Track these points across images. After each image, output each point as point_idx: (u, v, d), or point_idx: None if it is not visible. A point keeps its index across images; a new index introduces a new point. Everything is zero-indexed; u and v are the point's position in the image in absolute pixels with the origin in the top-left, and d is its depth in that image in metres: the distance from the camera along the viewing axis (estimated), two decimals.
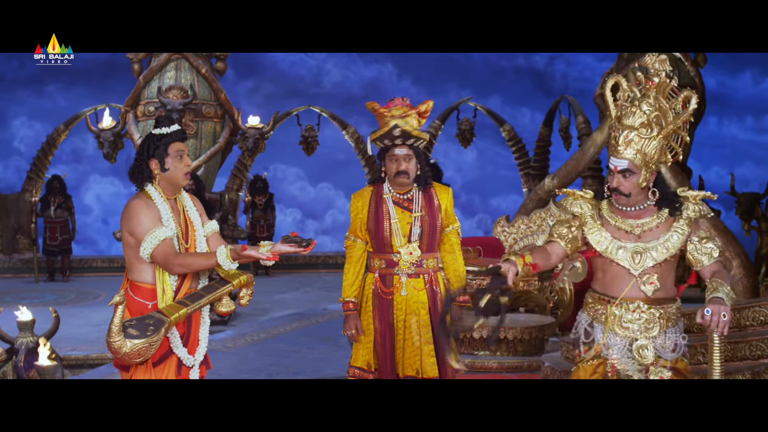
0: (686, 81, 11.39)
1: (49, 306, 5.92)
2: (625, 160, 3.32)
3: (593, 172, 12.61)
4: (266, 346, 8.24)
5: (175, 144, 3.90)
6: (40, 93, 19.43)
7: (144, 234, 3.77)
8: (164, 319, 3.75)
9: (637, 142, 3.30)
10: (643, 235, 3.39)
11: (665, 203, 3.40)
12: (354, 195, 4.67)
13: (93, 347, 8.26)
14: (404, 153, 4.44)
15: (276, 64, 20.21)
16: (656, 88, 3.34)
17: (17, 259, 14.41)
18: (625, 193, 3.35)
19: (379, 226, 4.50)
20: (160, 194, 3.91)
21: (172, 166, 3.90)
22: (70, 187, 14.09)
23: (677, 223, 3.39)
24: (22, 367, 5.59)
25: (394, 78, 20.38)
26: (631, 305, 3.39)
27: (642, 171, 3.31)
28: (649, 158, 3.32)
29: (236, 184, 14.43)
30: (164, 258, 3.76)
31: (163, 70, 9.34)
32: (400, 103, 4.46)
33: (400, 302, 4.50)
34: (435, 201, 4.54)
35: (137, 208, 3.85)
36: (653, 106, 3.32)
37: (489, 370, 6.41)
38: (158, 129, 3.93)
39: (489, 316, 3.30)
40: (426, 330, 4.48)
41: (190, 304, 3.87)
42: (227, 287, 4.01)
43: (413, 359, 4.47)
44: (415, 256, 4.47)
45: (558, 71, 20.86)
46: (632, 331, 3.39)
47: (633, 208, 3.40)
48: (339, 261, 14.17)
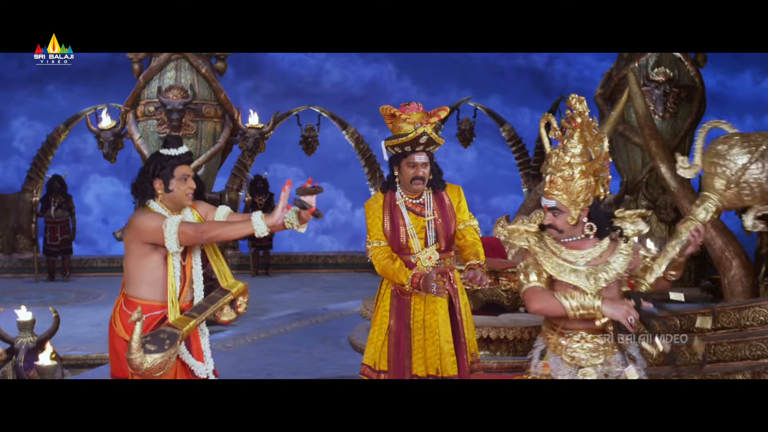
0: (686, 81, 11.41)
1: (49, 306, 5.92)
2: (552, 200, 3.43)
3: None
4: (266, 346, 8.25)
5: (181, 167, 3.91)
6: (40, 93, 19.42)
7: (158, 230, 3.77)
8: (177, 332, 3.78)
9: (560, 183, 3.40)
10: (588, 263, 3.46)
11: (602, 234, 3.49)
12: (367, 203, 4.65)
13: (93, 347, 8.26)
14: (423, 160, 4.45)
15: (276, 64, 20.19)
16: (579, 128, 3.40)
17: (17, 258, 14.41)
18: (558, 230, 3.47)
19: (395, 233, 4.52)
20: (163, 209, 3.91)
21: (176, 188, 3.91)
22: (70, 187, 14.10)
23: (620, 246, 3.48)
24: (22, 367, 5.59)
25: (393, 78, 20.36)
26: (575, 336, 3.46)
27: (570, 209, 3.41)
28: (575, 197, 3.40)
29: (236, 184, 14.43)
30: (193, 231, 3.76)
31: (163, 70, 9.33)
32: (416, 109, 4.44)
33: (418, 302, 4.51)
34: (446, 201, 4.56)
35: (145, 216, 3.86)
36: (576, 147, 3.40)
37: (489, 370, 6.41)
38: (166, 149, 3.92)
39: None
40: (446, 329, 4.49)
41: (197, 315, 3.92)
42: (228, 296, 4.04)
43: (434, 358, 4.47)
44: (435, 259, 4.48)
45: (557, 71, 20.85)
46: (578, 360, 3.45)
47: (572, 239, 3.49)
48: (339, 261, 14.16)
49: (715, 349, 5.28)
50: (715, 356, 5.28)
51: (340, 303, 10.78)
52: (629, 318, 3.24)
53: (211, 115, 9.44)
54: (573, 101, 3.39)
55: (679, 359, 3.37)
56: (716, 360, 5.27)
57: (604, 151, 3.39)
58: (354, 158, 15.62)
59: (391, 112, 4.44)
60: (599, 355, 3.45)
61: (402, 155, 4.45)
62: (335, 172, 19.61)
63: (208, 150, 9.38)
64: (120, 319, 3.96)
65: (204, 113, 9.36)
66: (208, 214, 4.07)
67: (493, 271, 7.07)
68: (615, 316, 3.26)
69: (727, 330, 5.37)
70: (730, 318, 5.37)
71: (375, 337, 4.61)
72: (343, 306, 10.49)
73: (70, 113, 14.75)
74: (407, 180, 4.47)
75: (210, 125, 9.43)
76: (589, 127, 3.39)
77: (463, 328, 4.56)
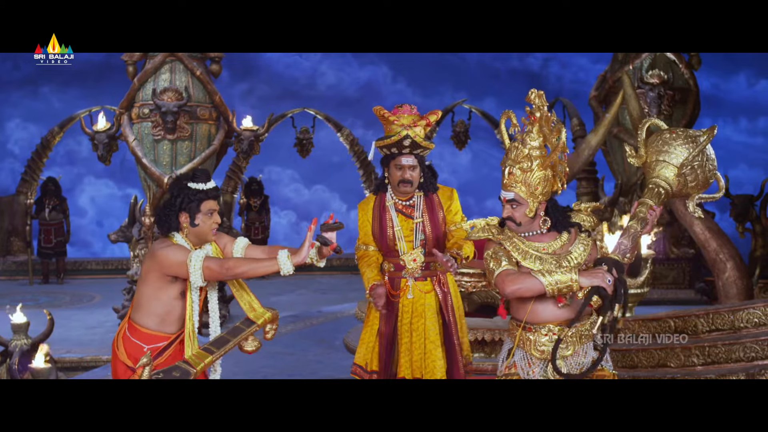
0: (680, 83, 11.44)
1: (43, 308, 5.90)
2: (511, 192, 3.51)
3: (588, 174, 12.63)
4: (261, 348, 8.22)
5: (208, 202, 3.85)
6: (35, 95, 19.41)
7: (183, 263, 3.73)
8: (190, 371, 3.69)
9: (518, 175, 3.49)
10: (550, 255, 3.51)
11: (560, 227, 3.57)
12: (359, 205, 4.68)
13: (87, 350, 8.25)
14: (410, 163, 4.46)
15: (271, 66, 20.21)
16: (538, 123, 3.48)
17: (11, 261, 14.37)
18: (516, 222, 3.53)
19: (383, 234, 4.53)
20: (187, 243, 3.87)
21: (202, 222, 3.84)
22: (65, 190, 14.08)
23: (580, 236, 3.57)
24: (17, 369, 5.57)
25: (388, 80, 20.38)
26: (543, 329, 3.49)
27: (528, 201, 3.49)
28: (533, 189, 3.49)
29: (231, 187, 14.41)
30: (219, 267, 3.72)
31: (158, 72, 9.31)
32: (408, 111, 4.44)
33: (406, 305, 4.52)
34: (437, 204, 4.56)
35: (169, 248, 3.79)
36: (535, 140, 3.49)
37: (484, 372, 6.40)
38: (194, 183, 3.86)
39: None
40: (434, 332, 4.49)
41: (215, 351, 3.82)
42: (252, 328, 3.96)
43: (420, 362, 4.47)
44: (420, 262, 4.49)
45: (552, 73, 20.91)
46: (547, 353, 3.48)
47: (532, 233, 3.56)
48: (334, 263, 14.15)
49: (710, 351, 5.29)
50: (710, 358, 5.29)
51: (335, 305, 10.78)
52: (607, 279, 3.31)
53: (206, 118, 9.43)
54: (532, 96, 3.46)
55: (610, 330, 3.43)
56: (711, 362, 5.29)
57: (561, 142, 3.47)
58: (349, 160, 15.61)
59: (381, 113, 4.46)
60: (567, 347, 3.48)
61: (390, 157, 4.47)
62: (330, 175, 19.62)
63: (202, 152, 9.37)
64: (123, 345, 3.93)
65: (199, 115, 9.35)
66: (226, 246, 4.01)
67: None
68: (594, 283, 3.31)
69: (722, 332, 5.38)
70: (725, 320, 5.39)
71: (366, 337, 4.62)
72: (338, 308, 10.49)
73: (65, 115, 14.71)
74: (395, 182, 4.49)
75: (205, 127, 9.42)
76: (547, 122, 3.47)
77: (456, 330, 4.55)
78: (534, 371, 3.50)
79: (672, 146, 3.55)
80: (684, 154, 3.52)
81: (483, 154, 19.44)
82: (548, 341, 3.47)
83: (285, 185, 20.30)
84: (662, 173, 3.57)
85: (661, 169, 3.58)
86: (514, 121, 3.57)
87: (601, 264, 3.41)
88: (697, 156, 3.52)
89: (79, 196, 19.46)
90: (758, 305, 5.32)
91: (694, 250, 11.08)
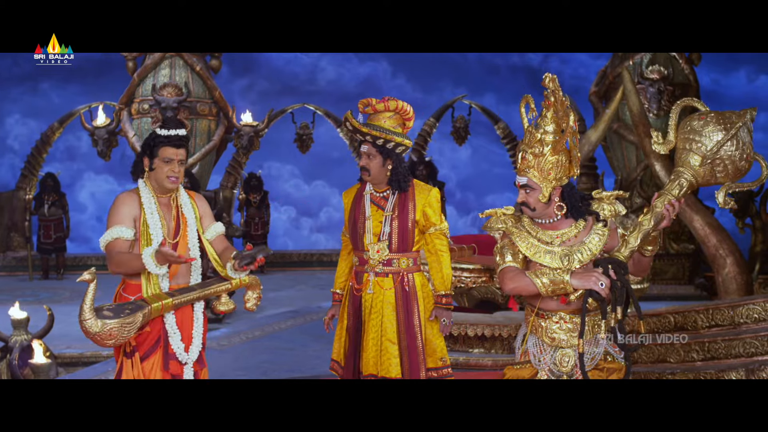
0: (680, 79, 11.43)
1: (43, 304, 5.91)
2: (524, 177, 3.47)
3: (588, 170, 12.63)
4: (261, 344, 8.24)
5: (167, 149, 3.87)
6: (35, 90, 19.37)
7: (110, 226, 3.83)
8: (143, 305, 3.71)
9: (531, 160, 3.44)
10: (564, 243, 3.47)
11: (577, 214, 3.51)
12: (343, 193, 4.70)
13: (87, 345, 8.22)
14: (365, 150, 4.45)
15: (271, 62, 20.17)
16: (553, 107, 3.43)
17: (11, 257, 14.38)
18: (530, 207, 3.49)
19: (355, 223, 4.54)
20: (149, 191, 3.91)
21: (158, 168, 3.88)
22: (64, 185, 14.07)
23: (596, 226, 3.49)
24: (17, 365, 5.58)
25: (388, 76, 20.35)
26: (554, 316, 3.48)
27: (541, 186, 3.44)
28: (546, 173, 3.43)
29: (231, 182, 14.40)
30: (109, 255, 3.82)
31: (158, 67, 9.32)
32: (384, 104, 4.43)
33: (366, 300, 4.50)
34: (410, 203, 4.47)
35: (117, 202, 3.89)
36: (549, 125, 3.43)
37: (484, 367, 6.41)
38: (160, 129, 3.92)
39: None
40: (391, 329, 4.44)
41: (177, 295, 3.83)
42: (223, 285, 3.98)
43: (375, 358, 4.43)
44: (383, 255, 4.46)
45: (553, 69, 20.84)
46: (558, 341, 3.47)
47: (548, 221, 3.52)
48: (333, 259, 14.14)
49: (710, 347, 5.30)
50: (710, 354, 5.30)
51: None
52: (600, 283, 3.25)
53: (206, 113, 9.43)
54: (546, 80, 3.40)
55: (624, 331, 3.39)
56: (711, 357, 5.29)
57: (570, 126, 3.41)
58: (349, 156, 15.60)
59: (367, 102, 4.48)
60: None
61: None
62: (330, 170, 19.59)
63: (202, 148, 9.37)
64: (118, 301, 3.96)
65: (198, 111, 9.35)
66: (204, 218, 4.06)
67: (488, 269, 7.09)
68: (585, 286, 3.26)
69: (722, 327, 5.39)
70: (725, 316, 5.39)
71: (338, 332, 4.64)
72: None
73: (65, 111, 14.69)
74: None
75: (204, 123, 9.43)
76: (562, 105, 3.42)
77: (420, 334, 4.47)
78: (545, 358, 3.49)
79: (699, 133, 3.36)
80: (713, 141, 3.31)
81: (483, 150, 19.41)
82: (558, 329, 3.45)
83: (285, 181, 20.28)
84: (687, 162, 3.39)
85: (686, 157, 3.40)
86: (532, 105, 3.54)
87: (598, 266, 3.33)
88: (726, 143, 3.29)
89: (79, 191, 19.43)
90: (758, 301, 5.32)
91: (694, 245, 11.08)
